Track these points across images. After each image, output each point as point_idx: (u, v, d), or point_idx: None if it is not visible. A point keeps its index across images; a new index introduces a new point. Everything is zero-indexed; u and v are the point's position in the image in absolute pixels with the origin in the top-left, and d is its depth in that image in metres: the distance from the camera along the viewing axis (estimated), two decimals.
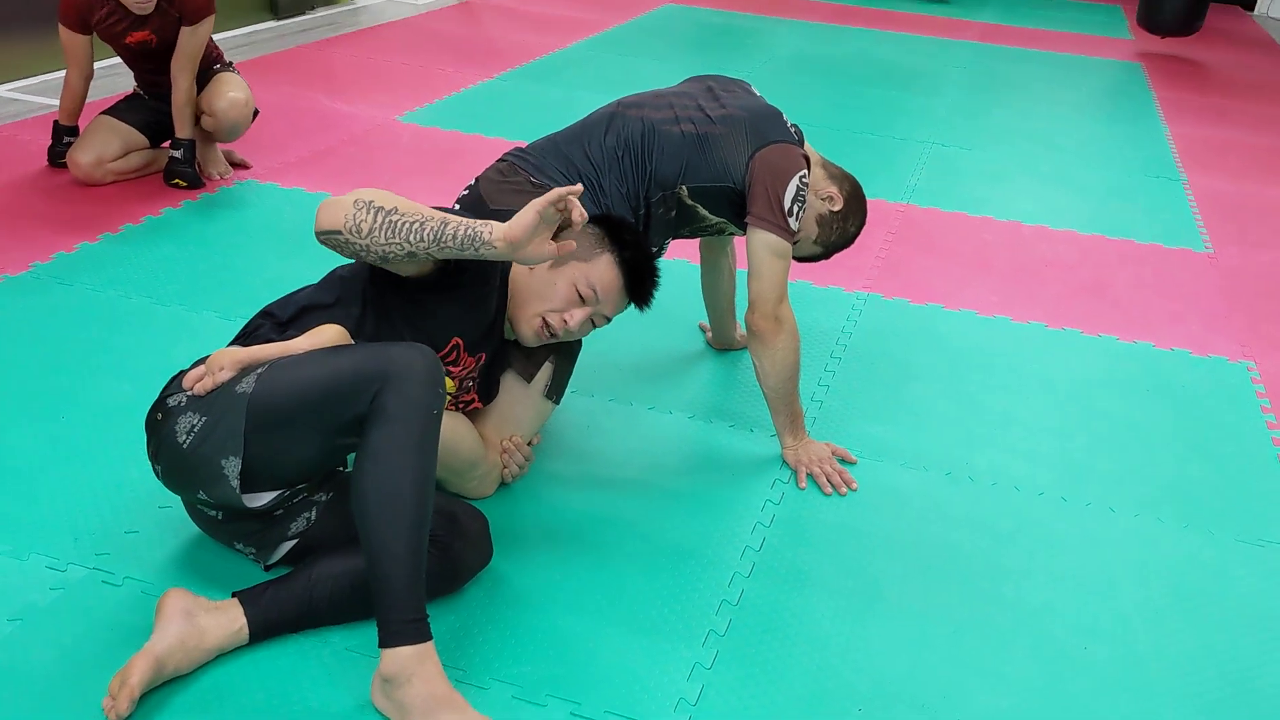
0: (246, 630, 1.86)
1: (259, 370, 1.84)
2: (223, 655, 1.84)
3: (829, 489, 2.49)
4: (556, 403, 2.37)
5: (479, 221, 1.83)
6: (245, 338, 2.00)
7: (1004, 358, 3.21)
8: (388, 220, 1.82)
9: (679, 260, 3.42)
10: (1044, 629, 2.13)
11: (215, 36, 5.85)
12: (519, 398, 2.30)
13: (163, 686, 1.77)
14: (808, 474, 2.52)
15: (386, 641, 1.72)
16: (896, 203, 4.41)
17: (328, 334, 1.90)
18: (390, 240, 1.82)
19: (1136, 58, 7.73)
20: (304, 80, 5.27)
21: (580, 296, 2.14)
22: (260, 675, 1.82)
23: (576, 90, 5.45)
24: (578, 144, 2.47)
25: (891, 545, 2.33)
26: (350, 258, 1.89)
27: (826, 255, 2.71)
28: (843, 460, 2.60)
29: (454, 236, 1.81)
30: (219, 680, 1.81)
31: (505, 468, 2.32)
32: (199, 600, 1.85)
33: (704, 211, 2.54)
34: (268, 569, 2.03)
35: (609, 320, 2.21)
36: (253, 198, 3.80)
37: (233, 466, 1.82)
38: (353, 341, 1.94)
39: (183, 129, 3.72)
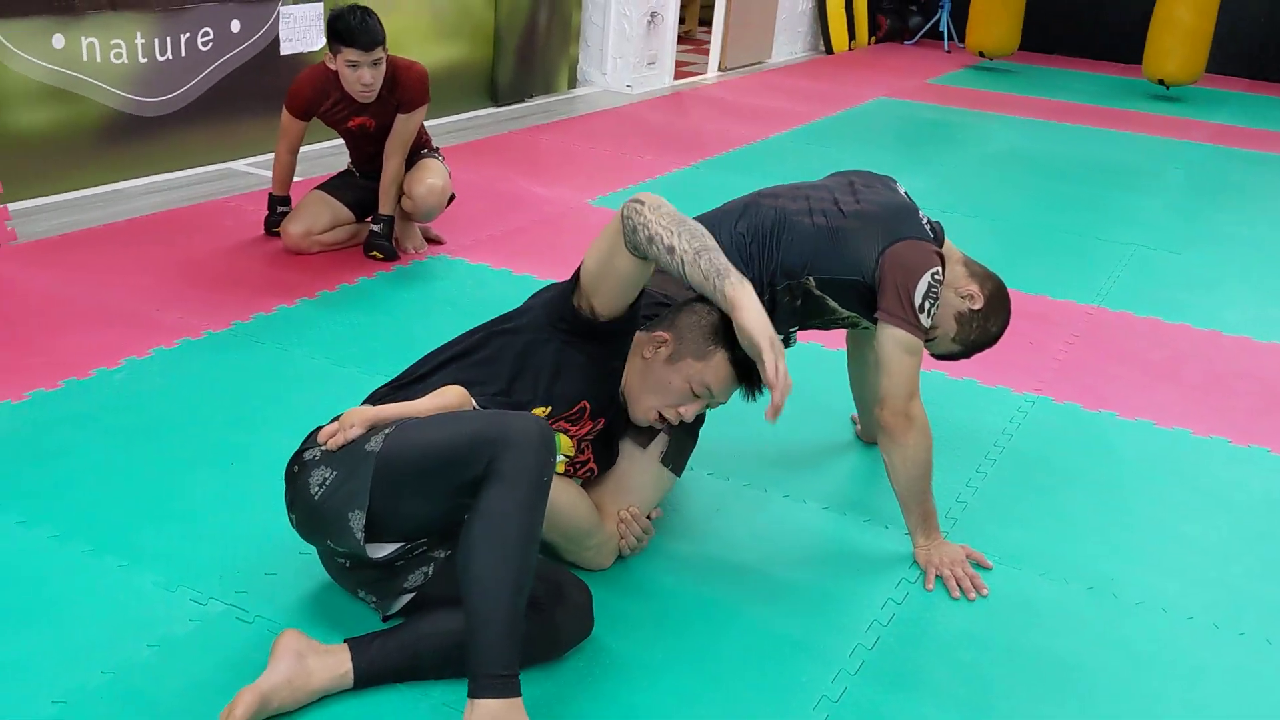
0: (352, 676, 1.96)
1: (387, 430, 1.96)
2: (327, 697, 1.95)
3: (957, 592, 2.42)
4: (677, 474, 2.40)
5: (727, 265, 1.92)
6: (376, 401, 2.15)
7: (1177, 472, 3.04)
8: (676, 216, 1.97)
9: (838, 350, 3.41)
10: None
11: (437, 120, 6.28)
12: (636, 466, 2.35)
13: None
14: (937, 575, 2.46)
15: (476, 693, 1.78)
16: (1086, 304, 4.26)
17: (450, 395, 2.02)
18: (666, 225, 1.94)
19: None
20: (508, 163, 5.57)
21: (694, 393, 2.22)
22: None
23: (768, 179, 5.50)
24: (712, 229, 2.53)
25: (1014, 657, 2.24)
26: (629, 239, 1.98)
27: (966, 354, 2.66)
28: (977, 565, 2.52)
29: (707, 253, 1.92)
30: None
31: (622, 539, 2.36)
32: (311, 643, 1.97)
33: (833, 304, 2.55)
34: (385, 620, 2.13)
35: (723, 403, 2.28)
36: (441, 271, 4.04)
37: (358, 519, 1.94)
38: (473, 402, 2.05)
39: (386, 206, 4.00)
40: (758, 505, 2.70)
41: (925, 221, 2.56)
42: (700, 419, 2.44)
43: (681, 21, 9.21)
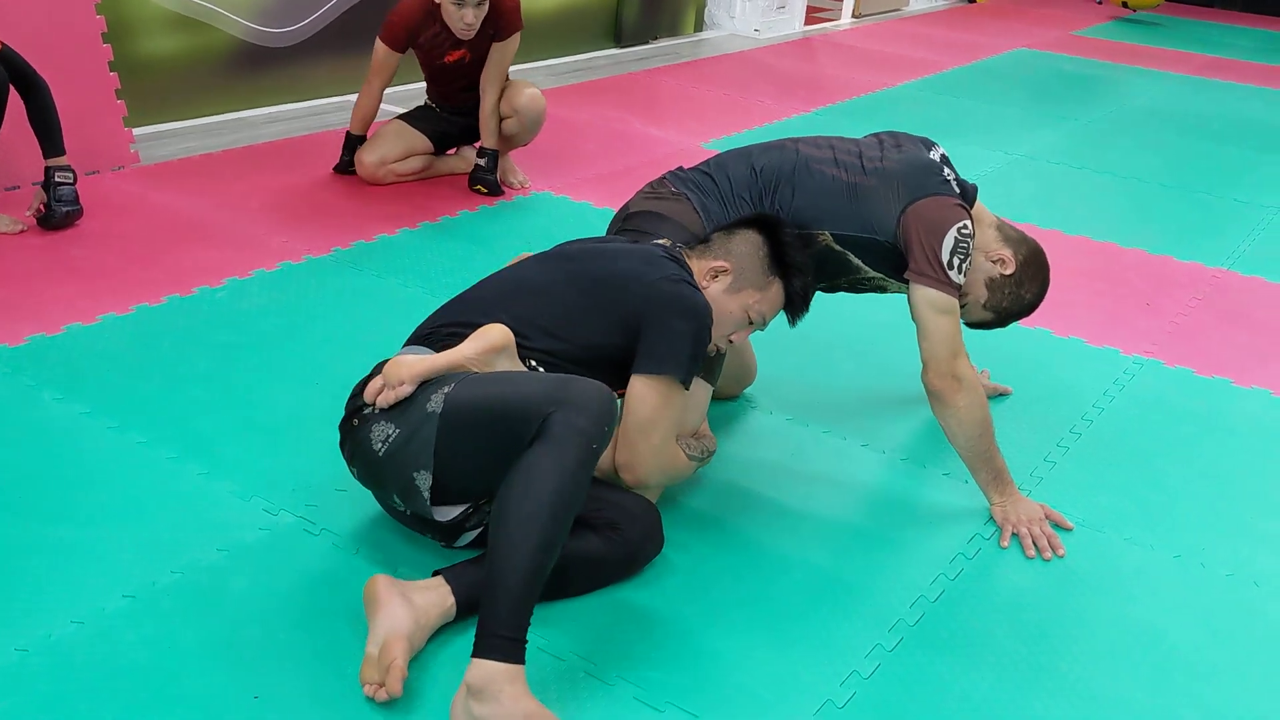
0: (455, 608, 1.94)
1: (446, 389, 1.92)
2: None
3: (1032, 551, 2.34)
4: (712, 384, 2.35)
5: None
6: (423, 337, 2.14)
7: None
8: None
9: None
10: None
11: (557, 60, 6.29)
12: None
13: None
14: (1013, 533, 2.38)
15: (481, 652, 1.69)
16: (1213, 268, 4.05)
17: (493, 335, 2.00)
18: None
19: None
20: (624, 104, 5.53)
21: (749, 320, 2.22)
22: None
23: (886, 127, 5.38)
24: (735, 163, 2.50)
25: (1083, 620, 2.16)
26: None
27: (1000, 322, 2.55)
28: (1056, 526, 2.43)
29: None
30: None
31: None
32: (406, 583, 1.93)
33: (857, 261, 2.46)
34: (446, 547, 2.15)
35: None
36: (544, 207, 4.05)
37: (424, 480, 1.93)
38: (513, 342, 2.03)
39: (488, 139, 4.01)
40: (835, 453, 2.66)
41: (954, 180, 2.45)
42: None
43: None
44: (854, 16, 8.79)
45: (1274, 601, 2.27)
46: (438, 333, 2.12)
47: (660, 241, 2.28)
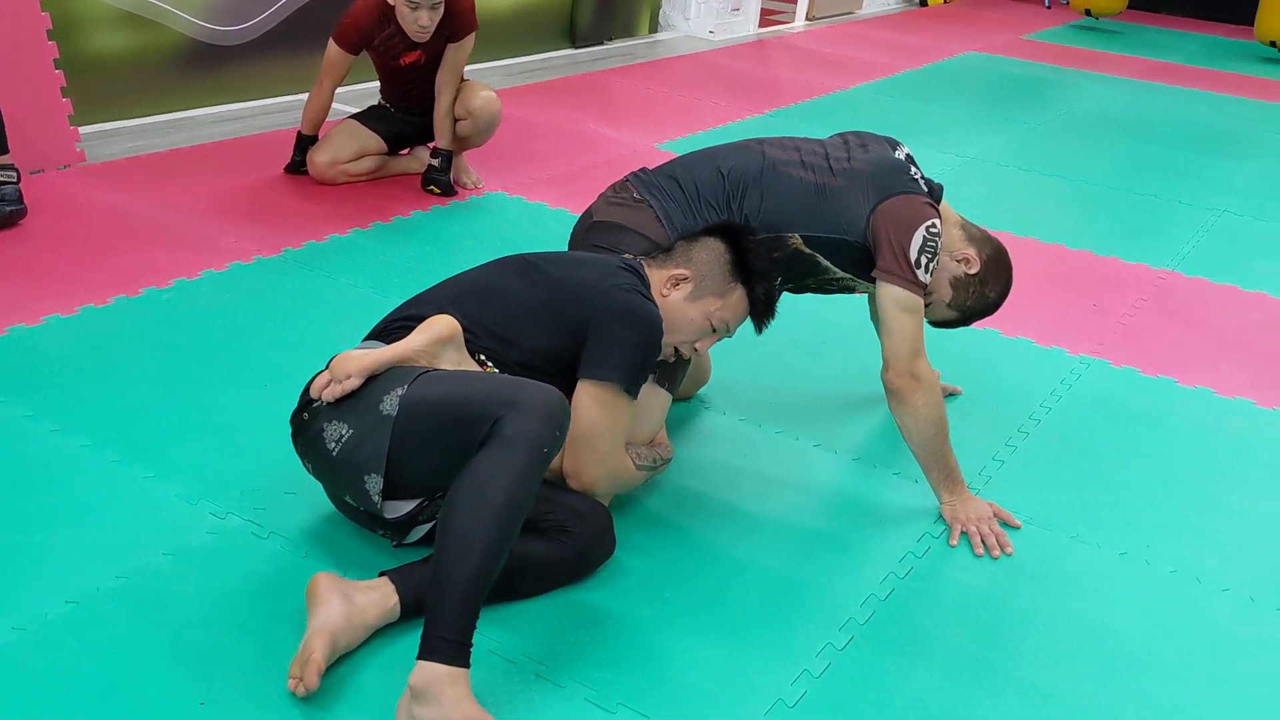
0: (399, 608, 1.93)
1: (400, 391, 1.90)
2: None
3: (980, 550, 2.36)
4: (672, 393, 2.35)
5: None
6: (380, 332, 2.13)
7: (1231, 443, 2.93)
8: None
9: None
10: None
11: (512, 60, 6.28)
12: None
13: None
14: (962, 532, 2.41)
15: (425, 653, 1.69)
16: (1158, 269, 4.11)
17: (439, 326, 1.99)
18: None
19: None
20: (579, 105, 5.53)
21: (712, 328, 2.21)
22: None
23: (838, 127, 5.42)
24: (701, 166, 2.49)
25: (1031, 617, 2.18)
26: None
27: (965, 321, 2.58)
28: (1005, 524, 2.46)
29: None
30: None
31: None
32: (349, 582, 1.92)
33: (826, 263, 2.48)
34: (396, 546, 2.14)
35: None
36: (497, 208, 4.03)
37: (374, 483, 1.91)
38: (460, 333, 2.02)
39: (442, 139, 3.99)
40: (788, 453, 2.67)
41: (921, 179, 2.48)
42: None
43: None
44: (808, 19, 8.84)
45: (1216, 598, 2.30)
46: (390, 328, 2.11)
47: (624, 255, 2.28)
